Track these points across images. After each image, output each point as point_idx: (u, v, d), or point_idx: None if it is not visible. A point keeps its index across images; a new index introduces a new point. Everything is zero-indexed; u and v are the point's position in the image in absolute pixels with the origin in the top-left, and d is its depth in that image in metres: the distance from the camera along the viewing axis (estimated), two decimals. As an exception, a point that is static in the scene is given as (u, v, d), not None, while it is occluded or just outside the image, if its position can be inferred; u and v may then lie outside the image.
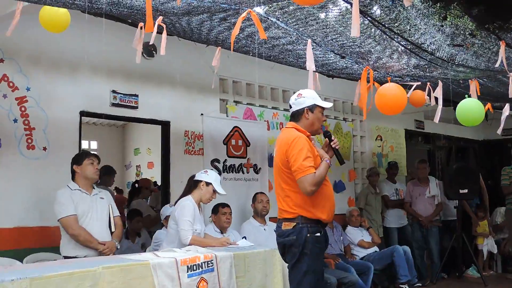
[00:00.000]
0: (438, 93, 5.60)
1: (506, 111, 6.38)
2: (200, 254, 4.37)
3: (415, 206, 8.68)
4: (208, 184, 5.20)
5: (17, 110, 5.32)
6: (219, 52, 4.62)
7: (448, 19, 3.75)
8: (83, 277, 3.54)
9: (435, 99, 5.93)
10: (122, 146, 12.41)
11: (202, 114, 6.89)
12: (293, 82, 7.66)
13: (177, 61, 6.52)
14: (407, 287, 7.42)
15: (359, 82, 5.36)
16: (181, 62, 6.61)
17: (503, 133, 11.34)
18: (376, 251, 7.77)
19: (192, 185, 5.27)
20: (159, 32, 3.90)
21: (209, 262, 4.36)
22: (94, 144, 12.14)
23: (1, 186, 5.16)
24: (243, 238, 6.07)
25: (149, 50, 6.23)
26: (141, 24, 4.03)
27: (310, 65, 4.11)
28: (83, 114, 5.81)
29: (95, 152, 5.36)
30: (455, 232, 8.51)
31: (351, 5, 3.48)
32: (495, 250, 9.30)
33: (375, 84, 5.29)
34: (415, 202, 8.69)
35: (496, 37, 4.25)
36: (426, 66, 4.96)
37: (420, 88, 5.87)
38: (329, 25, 3.94)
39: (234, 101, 7.34)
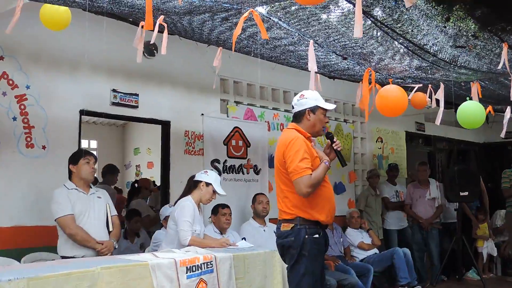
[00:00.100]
0: (439, 95, 5.57)
1: (508, 114, 6.36)
2: (200, 255, 4.34)
3: (415, 208, 8.65)
4: (208, 184, 5.18)
5: (17, 108, 5.29)
6: (220, 52, 4.59)
7: (451, 20, 3.73)
8: (81, 277, 3.51)
9: (436, 101, 5.91)
10: (122, 146, 12.39)
11: (202, 114, 6.87)
12: (294, 83, 7.64)
13: (178, 61, 6.50)
14: (407, 290, 7.40)
15: (361, 84, 5.34)
16: (182, 62, 6.58)
17: (504, 136, 11.42)
18: (376, 253, 7.74)
19: (192, 185, 5.25)
20: (160, 31, 3.88)
21: (208, 263, 4.33)
22: (94, 143, 12.12)
23: (-1, 185, 5.14)
24: (242, 239, 6.06)
25: (150, 49, 6.21)
26: (142, 23, 3.99)
27: (312, 66, 4.08)
28: (83, 113, 5.78)
29: (91, 151, 5.31)
30: (455, 235, 8.49)
31: (353, 5, 3.46)
32: (495, 253, 9.28)
33: (376, 86, 5.26)
34: (415, 204, 8.67)
35: (498, 39, 4.23)
36: (428, 67, 4.94)
37: (422, 90, 5.84)
38: (331, 26, 3.92)
39: (235, 101, 7.32)
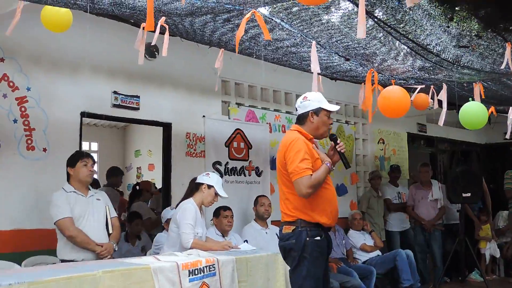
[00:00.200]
0: (442, 96, 5.55)
1: (510, 114, 6.33)
2: (202, 258, 4.30)
3: (417, 209, 8.61)
4: (210, 187, 5.15)
5: (17, 110, 5.26)
6: (222, 54, 4.57)
7: (455, 20, 3.70)
8: (82, 281, 3.47)
9: (438, 102, 5.88)
10: (123, 148, 12.36)
11: (204, 116, 6.83)
12: (296, 85, 7.62)
13: (179, 62, 6.47)
14: (410, 292, 7.36)
15: (363, 85, 5.31)
16: (183, 63, 6.56)
17: (504, 137, 11.38)
18: (378, 255, 7.71)
19: (194, 187, 5.22)
20: (162, 32, 3.85)
21: (211, 266, 4.29)
22: (95, 146, 12.09)
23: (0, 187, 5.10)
24: (244, 241, 6.03)
25: (151, 51, 6.18)
26: (144, 25, 3.97)
27: (315, 67, 4.05)
28: (83, 115, 5.75)
29: (89, 152, 5.27)
30: (457, 236, 8.45)
31: (357, 5, 3.43)
32: (497, 254, 9.24)
33: (378, 87, 5.24)
34: (417, 205, 8.63)
35: (502, 38, 4.21)
36: (431, 68, 4.91)
37: (424, 91, 5.81)
38: (334, 27, 3.89)
39: (236, 103, 7.29)
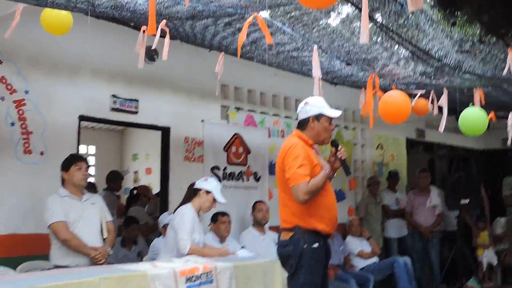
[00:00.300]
0: (443, 101, 5.52)
1: (511, 120, 6.32)
2: (200, 265, 4.26)
3: (415, 216, 8.56)
4: (208, 192, 5.11)
5: (15, 113, 5.21)
6: (222, 58, 4.54)
7: (458, 25, 3.68)
8: (79, 287, 3.42)
9: (438, 108, 5.86)
10: (120, 152, 12.31)
11: (202, 120, 6.80)
12: (295, 89, 7.59)
13: (178, 66, 6.43)
14: (408, 299, 7.32)
15: (363, 90, 5.28)
16: (182, 67, 6.51)
17: (502, 143, 11.38)
18: (376, 261, 7.67)
19: (192, 193, 5.17)
20: (162, 36, 3.82)
21: (208, 273, 4.25)
22: (92, 149, 12.03)
23: (-4, 191, 5.06)
24: (242, 247, 5.99)
25: (150, 55, 6.12)
26: (144, 28, 3.94)
27: (316, 72, 4.02)
28: (82, 118, 5.71)
29: (83, 156, 5.21)
30: (455, 243, 8.42)
31: (359, 10, 3.40)
32: (495, 261, 9.20)
33: (377, 93, 5.21)
34: (415, 212, 8.57)
35: (504, 43, 4.19)
36: (433, 73, 4.89)
37: (424, 96, 5.79)
38: (335, 31, 3.87)
39: (235, 107, 7.25)
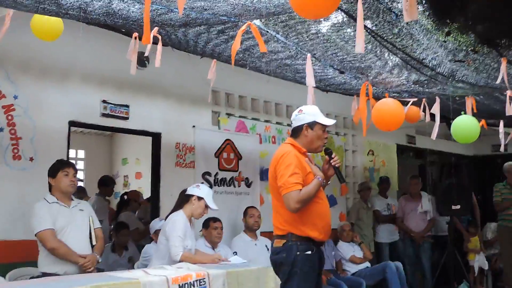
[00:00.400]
0: (435, 109, 5.54)
1: (501, 128, 6.36)
2: (192, 272, 4.22)
3: (407, 221, 8.61)
4: (200, 198, 5.08)
5: (4, 119, 5.15)
6: (214, 65, 4.51)
7: (452, 35, 3.68)
8: (69, 296, 3.38)
9: (430, 116, 5.88)
10: (110, 156, 12.25)
11: (194, 126, 6.76)
12: (287, 96, 7.60)
13: (169, 72, 6.39)
14: (399, 304, 7.32)
15: (355, 97, 5.28)
16: (173, 73, 6.48)
17: (492, 149, 11.45)
18: (367, 266, 7.66)
19: (184, 199, 5.14)
20: (155, 42, 3.79)
21: (201, 280, 4.21)
22: (82, 153, 11.96)
23: (-15, 198, 4.99)
24: (234, 253, 5.96)
25: (141, 60, 6.08)
26: (135, 34, 3.92)
27: (310, 81, 4.01)
28: (72, 124, 5.66)
29: (71, 162, 5.15)
30: (446, 248, 8.44)
31: (353, 19, 3.39)
32: (486, 266, 9.23)
33: (370, 100, 5.21)
34: (407, 217, 8.63)
35: (498, 53, 4.20)
36: (426, 81, 4.90)
37: (415, 104, 5.80)
38: (330, 39, 3.86)
39: (227, 113, 7.22)
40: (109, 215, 7.88)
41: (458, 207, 8.20)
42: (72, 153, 10.92)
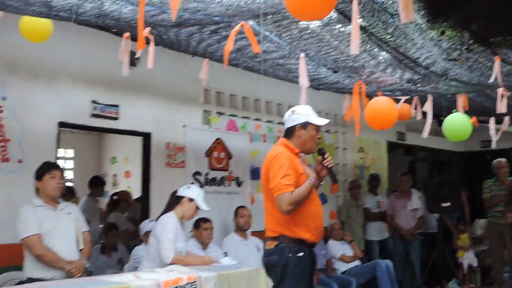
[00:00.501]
0: (427, 107, 5.53)
1: (492, 125, 6.39)
2: (184, 275, 4.20)
3: (397, 219, 8.60)
4: (191, 200, 5.04)
5: (-9, 121, 5.08)
6: (206, 64, 4.47)
7: (446, 34, 3.67)
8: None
9: (422, 114, 5.87)
10: (99, 155, 12.16)
11: (184, 126, 6.70)
12: (277, 94, 7.55)
13: (159, 71, 6.28)
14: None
15: (347, 96, 5.26)
16: (163, 72, 6.39)
17: (482, 145, 11.49)
18: (358, 265, 7.65)
19: (175, 201, 5.09)
20: (146, 43, 3.73)
21: (192, 284, 4.20)
22: (71, 152, 11.86)
23: (-28, 201, 4.91)
24: (224, 254, 5.93)
25: (131, 60, 6.01)
26: (126, 35, 3.86)
27: (303, 82, 3.97)
28: (61, 125, 5.59)
29: (58, 164, 5.04)
30: (435, 245, 8.46)
31: (348, 19, 3.36)
32: (475, 263, 9.27)
33: (363, 99, 5.19)
34: (397, 215, 8.62)
35: (491, 52, 4.19)
36: (419, 80, 4.89)
37: (407, 101, 5.80)
38: (323, 39, 3.82)
39: (217, 112, 7.16)
40: (99, 215, 7.81)
41: (448, 204, 8.23)
42: (61, 152, 10.82)
